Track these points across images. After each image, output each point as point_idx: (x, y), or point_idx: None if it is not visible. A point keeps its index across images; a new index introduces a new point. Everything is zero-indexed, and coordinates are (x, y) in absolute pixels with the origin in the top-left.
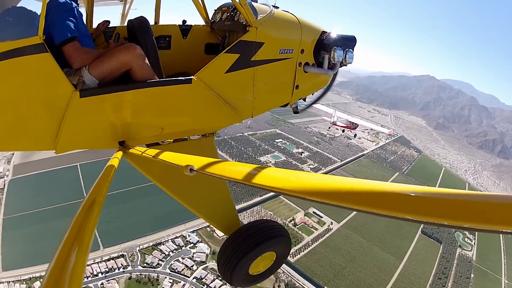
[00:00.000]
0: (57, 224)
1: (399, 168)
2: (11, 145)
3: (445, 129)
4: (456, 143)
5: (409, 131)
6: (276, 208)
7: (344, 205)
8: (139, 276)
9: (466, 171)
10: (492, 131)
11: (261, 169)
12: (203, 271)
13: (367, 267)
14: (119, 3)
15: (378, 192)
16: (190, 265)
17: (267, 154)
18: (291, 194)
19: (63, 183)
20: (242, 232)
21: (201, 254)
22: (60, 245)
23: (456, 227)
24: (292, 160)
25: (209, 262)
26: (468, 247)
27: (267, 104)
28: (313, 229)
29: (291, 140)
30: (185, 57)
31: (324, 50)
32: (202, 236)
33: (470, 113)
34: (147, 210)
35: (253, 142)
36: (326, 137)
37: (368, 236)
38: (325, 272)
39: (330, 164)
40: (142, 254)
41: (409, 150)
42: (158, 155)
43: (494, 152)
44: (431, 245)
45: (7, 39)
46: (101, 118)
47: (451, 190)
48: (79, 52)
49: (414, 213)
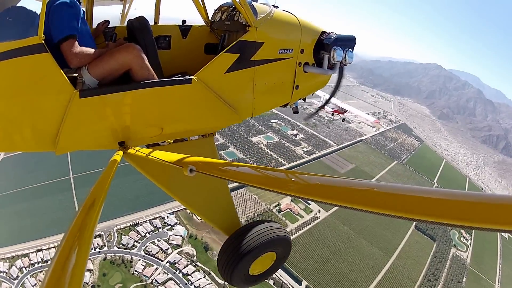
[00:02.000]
0: (41, 203)
1: (398, 157)
2: (10, 145)
3: (449, 119)
4: (459, 135)
5: (412, 119)
6: (262, 192)
7: (338, 204)
8: (113, 257)
9: (468, 165)
10: (497, 127)
11: (261, 169)
12: (177, 255)
13: (352, 261)
14: (119, 3)
15: (379, 192)
16: (165, 248)
17: (259, 134)
18: (291, 194)
19: (51, 161)
20: (242, 232)
21: (178, 237)
22: (60, 245)
23: (453, 226)
24: (285, 142)
25: (184, 246)
26: (463, 248)
27: (267, 104)
28: (298, 216)
29: (287, 121)
30: (184, 57)
31: (324, 50)
32: (180, 218)
33: (476, 106)
34: (129, 189)
35: (247, 121)
36: (324, 120)
37: (357, 228)
38: (306, 265)
39: (325, 148)
40: (119, 234)
41: (410, 138)
42: (158, 155)
43: (498, 148)
44: (424, 242)
45: (7, 39)
46: (101, 118)
47: (446, 190)
48: (77, 51)
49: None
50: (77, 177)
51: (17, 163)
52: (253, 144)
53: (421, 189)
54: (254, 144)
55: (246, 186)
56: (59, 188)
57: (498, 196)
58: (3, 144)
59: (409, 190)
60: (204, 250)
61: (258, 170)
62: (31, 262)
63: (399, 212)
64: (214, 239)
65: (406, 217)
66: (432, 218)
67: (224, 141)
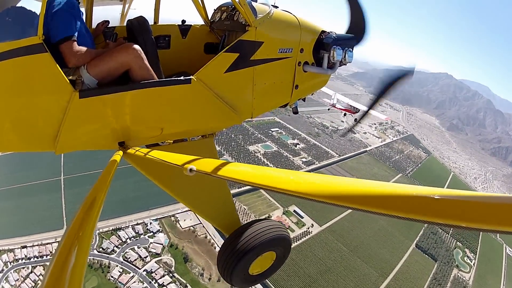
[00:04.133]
0: (29, 201)
1: (403, 169)
2: (10, 145)
3: (459, 131)
4: (469, 147)
5: (420, 130)
6: (253, 203)
7: (337, 203)
8: (92, 260)
9: (476, 178)
10: (507, 138)
11: (261, 169)
12: (155, 264)
13: (343, 282)
14: (119, 3)
15: (378, 193)
16: (144, 256)
17: (258, 143)
18: (291, 194)
19: (44, 160)
20: (242, 231)
21: (158, 246)
22: (60, 245)
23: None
24: (284, 152)
25: (164, 255)
26: (466, 268)
27: (266, 104)
28: (289, 230)
29: (288, 130)
30: (184, 57)
31: (324, 50)
32: (164, 226)
33: (486, 117)
34: (117, 193)
35: (246, 129)
36: (328, 129)
37: (351, 245)
38: (291, 284)
39: (326, 159)
40: (100, 237)
41: (417, 150)
42: (157, 155)
43: (507, 161)
44: (425, 262)
45: (6, 39)
46: (101, 118)
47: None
48: (75, 52)
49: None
50: (68, 178)
51: (8, 162)
52: (250, 153)
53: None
54: (251, 153)
55: (237, 196)
56: (49, 188)
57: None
58: (3, 144)
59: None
60: (183, 261)
61: (259, 170)
62: (15, 257)
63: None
64: (195, 249)
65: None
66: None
67: (220, 149)
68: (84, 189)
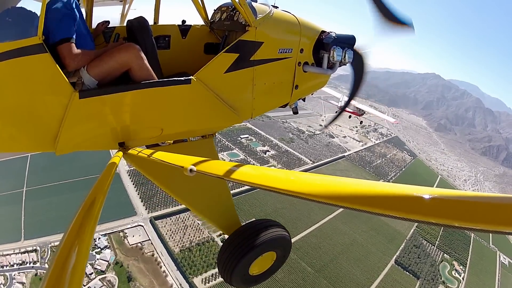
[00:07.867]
0: None
1: (385, 174)
2: (10, 146)
3: (447, 131)
4: (458, 148)
5: (405, 132)
6: None
7: (338, 204)
8: (42, 274)
9: (466, 180)
10: (497, 137)
11: (262, 169)
12: (98, 282)
13: None
14: (119, 3)
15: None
16: (89, 272)
17: (223, 151)
18: (291, 195)
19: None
20: (242, 231)
21: (103, 263)
22: (60, 245)
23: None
24: (251, 160)
25: (108, 272)
26: (454, 284)
27: (266, 104)
28: None
29: (259, 136)
30: (184, 57)
31: (324, 50)
32: (112, 241)
33: (475, 116)
34: (76, 205)
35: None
36: (304, 135)
37: (317, 265)
38: None
39: (298, 166)
40: (52, 251)
41: (402, 153)
42: (158, 155)
43: (498, 160)
44: (404, 281)
45: (6, 39)
46: (101, 119)
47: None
48: (73, 54)
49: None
50: (30, 190)
51: None
52: None
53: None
54: None
55: (189, 211)
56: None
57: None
58: (3, 145)
59: None
60: (126, 279)
61: (259, 170)
62: None
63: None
64: (141, 268)
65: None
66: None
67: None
68: (44, 201)
